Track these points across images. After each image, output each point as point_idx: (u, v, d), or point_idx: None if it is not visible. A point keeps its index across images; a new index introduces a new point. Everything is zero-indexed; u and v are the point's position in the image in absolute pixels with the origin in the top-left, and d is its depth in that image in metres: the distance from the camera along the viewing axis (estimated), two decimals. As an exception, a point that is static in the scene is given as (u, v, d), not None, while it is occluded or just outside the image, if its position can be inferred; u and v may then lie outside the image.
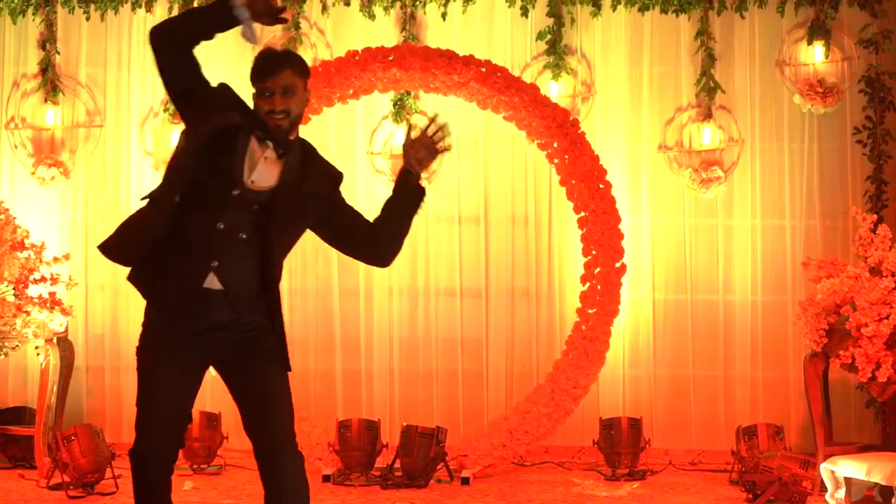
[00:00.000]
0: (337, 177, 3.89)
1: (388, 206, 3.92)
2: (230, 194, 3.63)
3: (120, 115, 7.64)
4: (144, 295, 3.75)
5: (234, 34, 3.78)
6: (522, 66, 7.49)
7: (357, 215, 3.94)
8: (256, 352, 3.74)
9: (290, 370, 3.80)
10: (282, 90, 3.63)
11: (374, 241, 3.93)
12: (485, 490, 6.44)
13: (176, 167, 3.71)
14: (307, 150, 3.80)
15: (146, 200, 3.73)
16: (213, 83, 3.70)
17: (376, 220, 3.92)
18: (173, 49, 3.65)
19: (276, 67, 3.65)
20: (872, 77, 7.35)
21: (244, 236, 3.66)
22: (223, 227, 3.62)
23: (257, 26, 3.66)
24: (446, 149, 3.95)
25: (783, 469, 5.95)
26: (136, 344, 3.75)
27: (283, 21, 3.71)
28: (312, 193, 3.77)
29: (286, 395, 3.74)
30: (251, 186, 3.65)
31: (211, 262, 3.63)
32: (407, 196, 3.89)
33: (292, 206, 3.71)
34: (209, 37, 3.68)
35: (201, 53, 3.71)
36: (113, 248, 3.72)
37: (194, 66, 3.67)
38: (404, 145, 3.92)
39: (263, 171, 3.66)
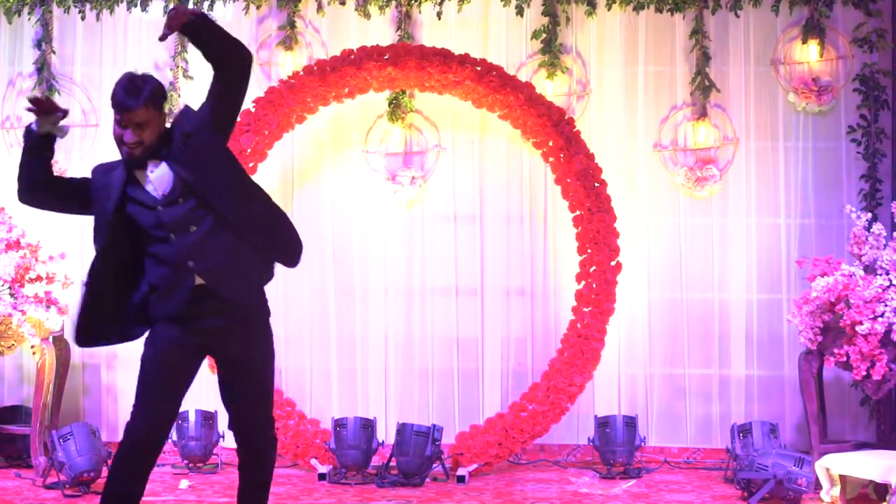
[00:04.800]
0: (192, 114, 4.15)
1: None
2: (157, 214, 4.04)
3: (115, 114, 7.63)
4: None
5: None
6: (517, 65, 7.50)
7: (211, 95, 4.14)
8: None
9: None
10: (135, 125, 3.99)
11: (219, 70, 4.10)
12: (480, 488, 6.45)
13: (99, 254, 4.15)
14: (176, 127, 4.10)
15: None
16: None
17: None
18: (35, 198, 4.33)
19: (131, 103, 3.98)
20: (867, 76, 7.37)
21: (193, 229, 4.02)
22: (175, 237, 4.02)
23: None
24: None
25: (778, 467, 5.97)
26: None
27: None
28: (204, 149, 4.06)
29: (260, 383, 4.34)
30: (163, 196, 4.04)
31: (187, 264, 4.03)
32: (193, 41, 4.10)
33: (202, 170, 4.03)
34: (42, 163, 4.25)
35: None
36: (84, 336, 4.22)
37: (63, 191, 4.28)
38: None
39: (160, 179, 4.05)
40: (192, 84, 7.51)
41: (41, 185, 4.21)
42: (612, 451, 6.84)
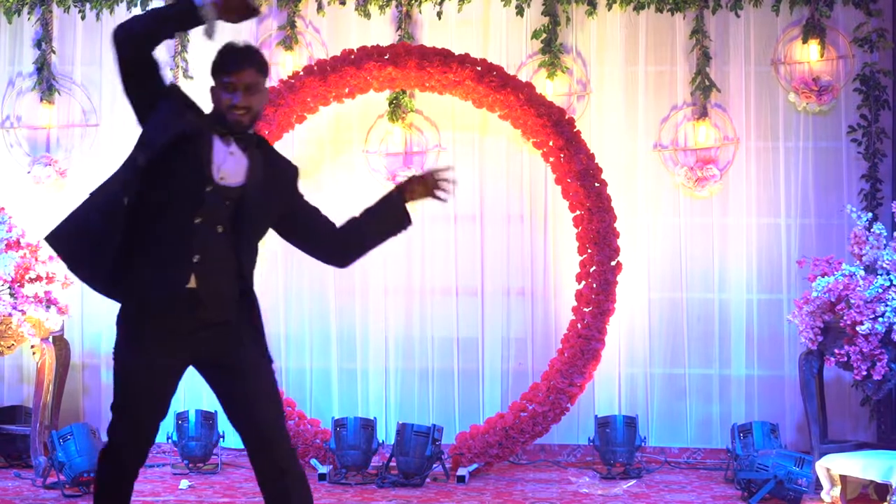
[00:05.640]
0: (296, 171, 3.94)
1: (369, 216, 3.92)
2: (204, 191, 3.65)
3: (115, 114, 7.63)
4: (125, 298, 3.75)
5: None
6: (518, 65, 7.50)
7: (318, 215, 3.96)
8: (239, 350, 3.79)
9: (272, 362, 3.86)
10: (245, 87, 3.69)
11: (339, 244, 3.95)
12: (480, 488, 6.45)
13: (132, 168, 3.67)
14: (265, 146, 3.87)
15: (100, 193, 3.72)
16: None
17: (349, 225, 3.92)
18: (136, 49, 3.67)
19: (241, 64, 3.70)
20: (867, 75, 7.37)
21: (221, 230, 3.69)
22: (200, 222, 3.65)
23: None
24: (442, 198, 3.94)
25: (778, 467, 5.97)
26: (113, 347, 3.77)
27: (257, 14, 3.75)
28: (277, 188, 3.83)
29: (274, 390, 3.83)
30: (221, 183, 3.68)
31: (192, 258, 3.66)
32: (392, 215, 3.91)
33: (262, 200, 3.76)
34: (171, 36, 3.76)
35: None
36: (62, 240, 3.71)
37: (153, 66, 3.71)
38: (414, 176, 3.95)
39: (231, 167, 3.70)
40: (192, 84, 7.51)
41: (142, 48, 3.66)
42: (612, 451, 6.84)
